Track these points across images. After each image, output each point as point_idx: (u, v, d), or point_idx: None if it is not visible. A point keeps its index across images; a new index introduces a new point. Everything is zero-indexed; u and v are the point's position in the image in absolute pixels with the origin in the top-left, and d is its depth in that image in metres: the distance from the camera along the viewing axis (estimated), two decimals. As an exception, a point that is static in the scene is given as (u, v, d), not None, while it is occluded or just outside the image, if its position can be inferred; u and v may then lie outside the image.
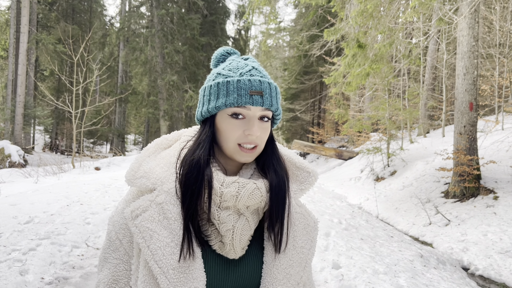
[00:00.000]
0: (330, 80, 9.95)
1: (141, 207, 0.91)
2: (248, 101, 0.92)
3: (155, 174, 0.94)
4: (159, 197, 0.91)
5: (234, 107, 0.93)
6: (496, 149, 8.82)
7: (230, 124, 0.94)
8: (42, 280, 3.48)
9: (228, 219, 0.91)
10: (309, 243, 1.04)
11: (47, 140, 28.56)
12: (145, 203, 0.91)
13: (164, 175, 0.95)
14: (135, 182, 0.94)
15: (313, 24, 21.87)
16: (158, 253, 0.87)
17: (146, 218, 0.89)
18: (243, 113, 0.93)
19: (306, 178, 1.07)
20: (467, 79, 7.36)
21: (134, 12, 24.98)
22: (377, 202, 8.84)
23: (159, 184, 0.93)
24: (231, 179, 0.93)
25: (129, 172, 0.96)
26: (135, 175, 0.95)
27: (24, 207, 5.47)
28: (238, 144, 0.94)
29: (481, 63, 13.67)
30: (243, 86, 0.93)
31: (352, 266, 4.26)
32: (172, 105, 22.78)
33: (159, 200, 0.91)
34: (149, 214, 0.90)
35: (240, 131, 0.93)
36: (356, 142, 17.16)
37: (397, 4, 8.51)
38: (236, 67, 0.98)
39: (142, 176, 0.94)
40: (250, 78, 0.94)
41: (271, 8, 15.70)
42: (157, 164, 0.97)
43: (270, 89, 0.96)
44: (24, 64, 18.54)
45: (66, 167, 12.08)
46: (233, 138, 0.93)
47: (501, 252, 5.16)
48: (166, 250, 0.87)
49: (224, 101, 0.93)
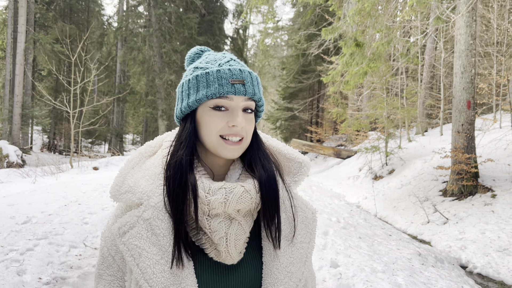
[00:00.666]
0: (328, 79, 9.95)
1: (128, 224, 0.87)
2: (230, 90, 0.87)
3: (140, 188, 0.89)
4: (146, 212, 0.87)
5: (216, 98, 0.88)
6: (494, 148, 8.84)
7: (212, 116, 0.89)
8: (40, 280, 3.47)
9: (219, 226, 0.87)
10: (308, 236, 0.99)
11: (45, 140, 28.51)
12: (132, 219, 0.87)
13: (149, 188, 0.89)
14: (120, 197, 0.89)
15: (311, 23, 21.88)
16: (148, 272, 0.83)
17: (133, 235, 0.85)
18: (225, 104, 0.89)
19: (299, 169, 1.03)
20: (464, 78, 7.37)
21: (132, 12, 24.94)
22: (375, 200, 8.85)
23: (145, 198, 0.88)
24: (217, 185, 0.88)
25: (114, 188, 0.90)
26: (119, 190, 0.90)
27: (22, 207, 5.46)
28: (221, 136, 0.89)
29: (479, 61, 13.69)
30: (223, 76, 0.89)
31: (350, 264, 4.26)
32: (170, 104, 22.76)
33: (146, 216, 0.86)
34: (136, 230, 0.86)
35: (223, 123, 0.88)
36: (354, 141, 17.17)
37: (394, 3, 8.52)
38: (213, 59, 0.95)
39: (127, 191, 0.89)
40: (229, 67, 0.90)
41: (269, 7, 15.69)
42: (142, 177, 0.92)
43: (251, 78, 0.91)
44: (21, 64, 18.50)
45: (64, 167, 12.05)
46: (215, 130, 0.88)
47: (499, 250, 5.17)
48: (156, 268, 0.83)
49: (205, 92, 0.88)
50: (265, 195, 0.92)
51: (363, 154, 12.78)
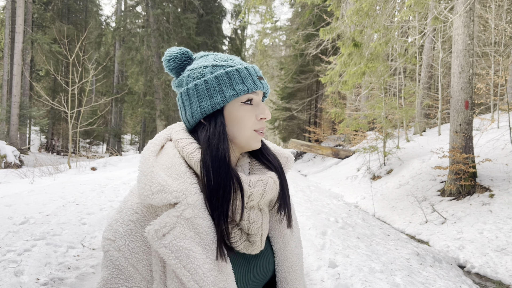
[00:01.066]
0: (326, 79, 9.95)
1: (168, 225, 0.82)
2: (259, 85, 0.96)
3: (173, 187, 0.85)
4: (186, 211, 0.84)
5: (249, 93, 0.94)
6: (491, 147, 8.86)
7: (244, 111, 0.94)
8: (38, 281, 3.46)
9: (257, 217, 0.92)
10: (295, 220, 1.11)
11: (43, 140, 28.47)
12: (171, 219, 0.82)
13: (183, 186, 0.86)
14: (153, 198, 0.83)
15: (309, 23, 21.90)
16: (198, 272, 0.81)
17: (177, 236, 0.82)
18: (254, 98, 0.96)
19: (286, 163, 1.09)
20: (462, 78, 7.38)
21: (130, 12, 24.90)
22: (373, 200, 8.85)
23: (182, 197, 0.85)
24: (254, 177, 0.93)
25: (144, 188, 0.84)
26: (151, 190, 0.84)
27: (20, 207, 5.44)
28: (254, 130, 0.96)
29: (477, 61, 13.72)
30: (252, 73, 0.96)
31: (349, 264, 4.26)
32: (169, 104, 22.75)
33: (186, 215, 0.84)
34: (179, 231, 0.82)
35: (253, 117, 0.95)
36: (352, 141, 17.19)
37: (392, 3, 8.52)
38: (227, 58, 1.00)
39: (160, 190, 0.84)
40: (248, 65, 0.98)
41: (267, 7, 15.70)
42: (169, 175, 0.88)
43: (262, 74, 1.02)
44: (19, 64, 18.46)
45: (62, 168, 12.03)
46: (249, 124, 0.94)
47: (497, 249, 5.17)
48: (205, 267, 0.82)
49: (242, 87, 0.93)
50: (283, 183, 1.01)
51: (361, 154, 12.79)
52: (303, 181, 12.75)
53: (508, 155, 8.11)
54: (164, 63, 1.04)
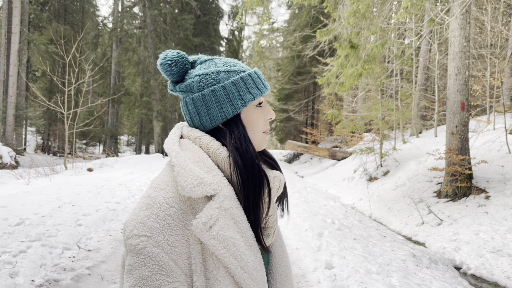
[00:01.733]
0: (323, 81, 9.97)
1: (213, 217, 0.85)
2: (268, 87, 1.03)
3: (209, 179, 0.89)
4: (224, 202, 0.89)
5: (260, 96, 1.00)
6: (487, 149, 8.89)
7: (257, 114, 1.00)
8: (33, 282, 3.44)
9: (274, 210, 1.00)
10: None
11: (39, 141, 28.36)
12: (214, 211, 0.86)
13: (216, 179, 0.90)
14: (195, 190, 0.86)
15: (306, 25, 21.93)
16: (244, 259, 0.87)
17: (222, 227, 0.85)
18: (262, 100, 1.02)
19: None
20: (458, 80, 7.41)
21: (127, 13, 24.87)
22: (370, 202, 8.86)
23: (218, 189, 0.89)
24: (272, 173, 1.00)
25: (186, 181, 0.86)
26: (193, 183, 0.86)
27: (15, 208, 5.42)
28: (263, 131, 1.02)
29: (473, 63, 13.77)
30: (260, 76, 1.02)
31: (345, 266, 4.26)
32: (165, 105, 22.71)
33: (225, 206, 0.89)
34: (223, 222, 0.86)
35: (263, 119, 1.01)
36: (349, 143, 17.21)
37: (389, 5, 8.55)
38: (233, 62, 1.04)
39: (199, 183, 0.87)
40: (253, 70, 1.03)
41: (264, 9, 15.69)
42: (201, 168, 0.91)
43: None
44: (15, 65, 18.39)
45: (58, 169, 11.99)
46: (260, 127, 1.00)
47: (493, 251, 5.19)
48: (246, 254, 0.88)
49: (256, 91, 0.99)
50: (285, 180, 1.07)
51: (358, 155, 12.82)
52: (299, 182, 12.75)
53: (504, 157, 8.14)
54: (163, 67, 1.03)
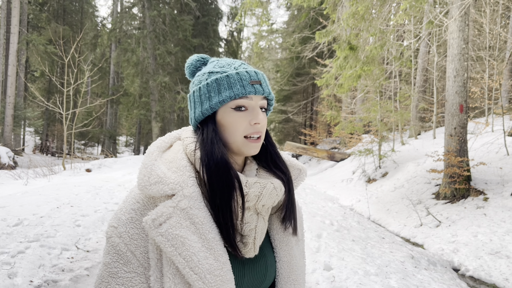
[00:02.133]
0: (322, 82, 9.98)
1: (164, 214, 0.86)
2: (251, 90, 0.95)
3: (170, 179, 0.90)
4: (182, 202, 0.88)
5: (238, 98, 0.94)
6: (486, 151, 8.90)
7: (235, 117, 0.95)
8: (31, 283, 3.44)
9: (251, 218, 0.93)
10: (302, 233, 1.12)
11: (37, 141, 28.31)
12: (167, 209, 0.87)
13: (181, 179, 0.91)
14: (150, 188, 0.89)
15: (305, 26, 21.95)
16: (193, 259, 0.85)
17: (173, 225, 0.86)
18: (246, 104, 0.95)
19: (298, 175, 1.10)
20: (457, 81, 7.42)
21: (126, 13, 24.85)
22: (368, 203, 8.87)
23: (178, 188, 0.89)
24: (251, 179, 0.95)
25: (142, 179, 0.91)
26: (149, 181, 0.90)
27: (13, 209, 5.41)
28: (245, 136, 0.95)
29: (471, 65, 13.80)
30: (243, 77, 0.96)
31: (344, 267, 4.26)
32: (164, 106, 22.69)
33: (182, 206, 0.88)
34: (175, 220, 0.86)
35: (246, 123, 0.95)
36: (348, 144, 17.23)
37: (388, 7, 8.57)
38: (227, 63, 1.01)
39: (157, 181, 0.90)
40: (246, 70, 0.98)
41: (263, 10, 15.72)
42: (169, 168, 0.93)
43: (264, 78, 1.00)
44: (14, 65, 18.36)
45: (57, 169, 11.97)
46: (240, 130, 0.95)
47: (491, 253, 5.20)
48: (200, 255, 0.86)
49: (228, 94, 0.94)
50: (290, 192, 1.02)
51: (357, 157, 12.83)
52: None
53: (502, 159, 8.15)
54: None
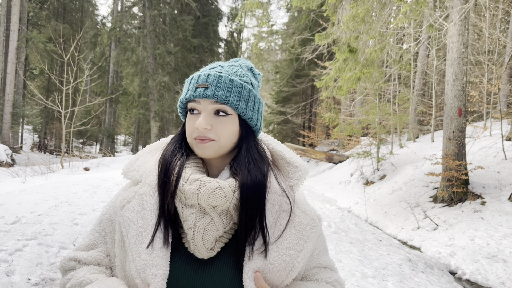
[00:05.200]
0: (321, 84, 10.00)
1: (127, 198, 0.98)
2: (193, 94, 0.95)
3: (144, 168, 1.03)
4: (142, 188, 0.98)
5: (188, 101, 0.98)
6: (484, 155, 8.93)
7: (188, 120, 0.99)
8: (29, 281, 3.44)
9: (190, 217, 0.91)
10: (301, 244, 0.95)
11: (35, 139, 28.25)
12: (131, 194, 0.99)
13: (150, 169, 1.02)
14: (128, 174, 1.03)
15: (305, 28, 21.97)
16: (131, 242, 0.93)
17: (128, 209, 0.96)
18: (196, 107, 0.96)
19: (294, 173, 1.04)
20: (456, 85, 7.44)
21: (126, 12, 24.84)
22: (366, 206, 8.88)
23: (144, 176, 1.00)
24: (195, 176, 0.93)
25: (126, 165, 1.04)
26: (130, 168, 1.04)
27: (11, 207, 5.40)
28: (195, 138, 0.96)
29: (470, 69, 13.84)
30: (192, 81, 0.98)
31: (341, 269, 4.27)
32: (163, 106, 22.68)
33: (141, 192, 0.98)
34: (131, 204, 0.97)
35: (194, 126, 0.96)
36: (346, 146, 17.24)
37: (388, 10, 8.59)
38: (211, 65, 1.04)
39: (135, 169, 1.03)
40: (202, 72, 0.99)
41: (264, 11, 15.75)
42: (149, 160, 1.06)
43: (221, 82, 0.95)
44: (13, 63, 18.34)
45: (55, 167, 11.95)
46: (189, 132, 0.97)
47: (488, 257, 5.21)
48: (138, 239, 0.93)
49: (183, 96, 0.99)
50: (245, 197, 0.92)
51: (355, 159, 12.83)
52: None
53: (500, 163, 8.18)
54: None
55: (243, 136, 1.00)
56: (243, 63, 1.05)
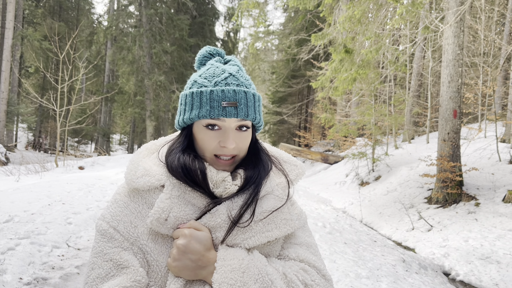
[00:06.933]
0: (317, 84, 10.01)
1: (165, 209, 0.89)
2: (221, 113, 0.91)
3: (156, 171, 0.95)
4: (174, 190, 0.92)
5: (208, 119, 0.92)
6: (478, 157, 8.96)
7: (205, 135, 0.93)
8: (21, 280, 3.41)
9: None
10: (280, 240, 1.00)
11: (30, 138, 28.10)
12: (165, 204, 0.90)
13: (163, 170, 0.96)
14: (137, 181, 0.93)
15: (301, 28, 22.01)
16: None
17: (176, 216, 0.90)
18: (218, 124, 0.92)
19: (292, 170, 1.08)
20: (451, 87, 7.47)
21: (123, 11, 24.75)
22: (361, 206, 8.89)
23: (165, 179, 0.94)
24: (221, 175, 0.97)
25: (129, 173, 0.95)
26: (136, 175, 0.94)
27: (4, 205, 5.36)
28: (215, 155, 0.94)
29: (466, 71, 13.90)
30: (215, 98, 0.91)
31: (335, 270, 4.27)
32: (159, 105, 22.62)
33: (176, 193, 0.92)
34: (177, 210, 0.90)
35: (216, 142, 0.93)
36: (342, 147, 17.27)
37: (384, 11, 8.61)
38: (212, 74, 0.96)
39: (144, 174, 0.94)
40: (224, 88, 0.92)
41: (260, 11, 15.74)
42: (154, 164, 0.98)
43: (246, 98, 0.93)
44: (8, 61, 18.22)
45: (49, 166, 11.89)
46: (209, 149, 0.94)
47: (482, 258, 5.23)
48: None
49: (197, 113, 0.92)
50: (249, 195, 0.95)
51: (350, 160, 12.86)
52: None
53: (494, 165, 8.21)
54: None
55: (254, 141, 1.04)
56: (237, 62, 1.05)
